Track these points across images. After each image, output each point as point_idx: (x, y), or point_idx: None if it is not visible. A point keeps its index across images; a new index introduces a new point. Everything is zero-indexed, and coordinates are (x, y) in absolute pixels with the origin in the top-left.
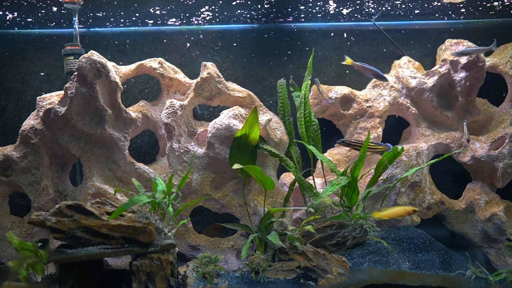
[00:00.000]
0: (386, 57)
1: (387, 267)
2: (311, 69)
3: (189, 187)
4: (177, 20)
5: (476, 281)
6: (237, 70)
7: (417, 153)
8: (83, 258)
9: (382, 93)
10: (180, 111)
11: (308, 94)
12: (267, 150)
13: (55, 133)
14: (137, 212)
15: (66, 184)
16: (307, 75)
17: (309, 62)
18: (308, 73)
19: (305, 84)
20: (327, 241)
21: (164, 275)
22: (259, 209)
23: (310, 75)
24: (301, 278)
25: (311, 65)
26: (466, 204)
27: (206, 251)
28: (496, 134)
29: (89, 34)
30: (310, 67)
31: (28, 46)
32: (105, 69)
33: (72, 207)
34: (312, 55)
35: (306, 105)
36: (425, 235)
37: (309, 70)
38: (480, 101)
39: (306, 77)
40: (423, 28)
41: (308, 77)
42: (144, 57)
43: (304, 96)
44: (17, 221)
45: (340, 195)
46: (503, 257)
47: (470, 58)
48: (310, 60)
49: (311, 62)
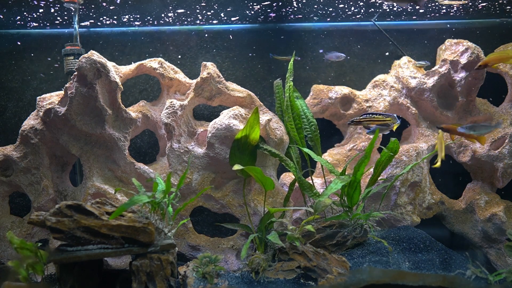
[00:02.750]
0: (386, 57)
1: (387, 267)
2: (292, 70)
3: (189, 187)
4: (177, 20)
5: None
6: (237, 70)
7: (417, 153)
8: (83, 258)
9: (382, 93)
10: (180, 111)
11: (293, 95)
12: (267, 150)
13: (55, 133)
14: (137, 212)
15: (66, 184)
16: (288, 76)
17: (290, 64)
18: (289, 74)
19: (288, 86)
20: (327, 241)
21: (164, 275)
22: (259, 209)
23: (291, 76)
24: (301, 278)
25: (292, 66)
26: (466, 204)
27: (206, 251)
28: (496, 134)
29: (89, 34)
30: (291, 68)
31: (28, 46)
32: (105, 69)
33: (72, 207)
34: (293, 57)
35: (293, 107)
36: (425, 235)
37: (290, 71)
38: (480, 101)
39: (288, 78)
40: (423, 28)
41: (289, 79)
42: (144, 57)
43: (289, 98)
44: (17, 221)
45: (340, 195)
46: (503, 257)
47: (470, 58)
48: (291, 62)
49: (292, 64)
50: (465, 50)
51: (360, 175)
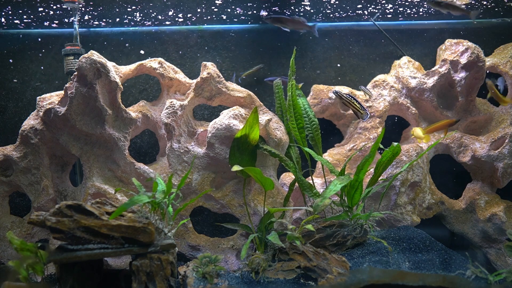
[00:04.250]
0: (386, 57)
1: (387, 267)
2: (293, 68)
3: (189, 187)
4: (177, 20)
5: (476, 281)
6: (237, 70)
7: (417, 153)
8: (83, 258)
9: (382, 93)
10: (180, 111)
11: (295, 95)
12: (267, 150)
13: (55, 133)
14: (137, 212)
15: (66, 184)
16: (290, 75)
17: (291, 61)
18: (291, 73)
19: (291, 84)
20: (327, 241)
21: (164, 275)
22: (259, 209)
23: (293, 75)
24: (301, 278)
25: (294, 64)
26: (466, 204)
27: (206, 251)
28: (496, 134)
29: (89, 34)
30: (293, 66)
31: (28, 46)
32: (105, 69)
33: (72, 207)
34: (294, 54)
35: (295, 106)
36: (425, 235)
37: (292, 69)
38: (480, 101)
39: (290, 77)
40: (423, 28)
41: (292, 77)
42: (144, 57)
43: (292, 97)
44: (17, 221)
45: (340, 195)
46: (503, 257)
47: (470, 58)
48: (292, 59)
49: (293, 61)
50: (465, 50)
51: (363, 174)
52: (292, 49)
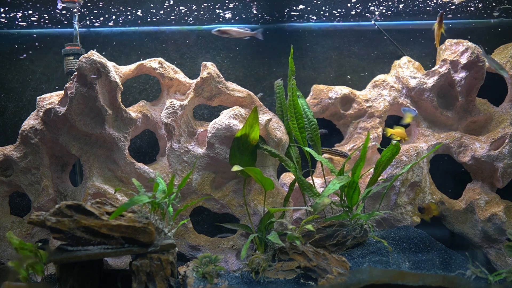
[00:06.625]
0: (386, 57)
1: (387, 267)
2: (293, 67)
3: (189, 187)
4: (177, 20)
5: (476, 281)
6: (237, 70)
7: (417, 153)
8: (83, 258)
9: (382, 93)
10: (180, 111)
11: (296, 94)
12: (267, 150)
13: (55, 133)
14: (137, 212)
15: (66, 184)
16: (290, 75)
17: (289, 60)
18: (290, 72)
19: (291, 84)
20: (327, 241)
21: (164, 275)
22: (259, 209)
23: (293, 74)
24: (301, 278)
25: (292, 63)
26: (466, 204)
27: (206, 251)
28: (496, 134)
29: (89, 34)
30: (292, 65)
31: (28, 46)
32: (105, 69)
33: (72, 207)
34: (292, 53)
35: (296, 106)
36: (425, 235)
37: (291, 68)
38: (480, 101)
39: (290, 76)
40: (423, 28)
41: (292, 77)
42: (144, 57)
43: (292, 97)
44: (17, 221)
45: (340, 195)
46: (503, 257)
47: (470, 58)
48: (290, 58)
49: (292, 60)
50: (465, 50)
51: (357, 177)
52: (292, 49)
